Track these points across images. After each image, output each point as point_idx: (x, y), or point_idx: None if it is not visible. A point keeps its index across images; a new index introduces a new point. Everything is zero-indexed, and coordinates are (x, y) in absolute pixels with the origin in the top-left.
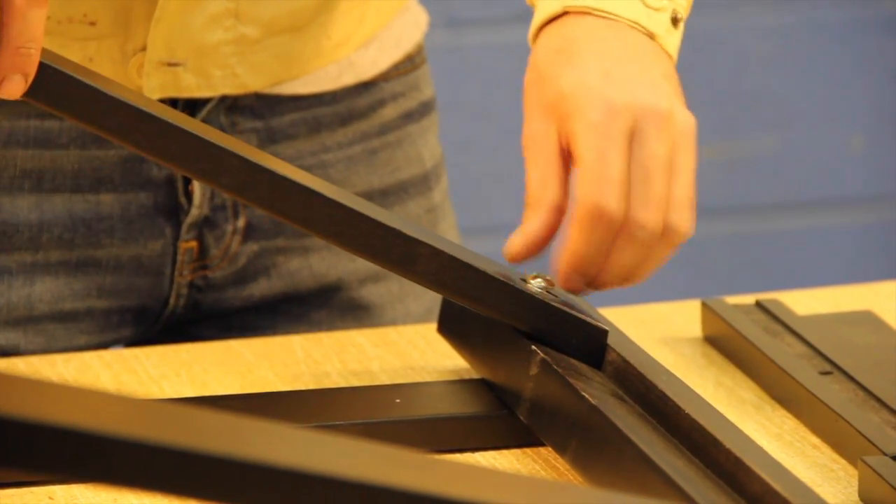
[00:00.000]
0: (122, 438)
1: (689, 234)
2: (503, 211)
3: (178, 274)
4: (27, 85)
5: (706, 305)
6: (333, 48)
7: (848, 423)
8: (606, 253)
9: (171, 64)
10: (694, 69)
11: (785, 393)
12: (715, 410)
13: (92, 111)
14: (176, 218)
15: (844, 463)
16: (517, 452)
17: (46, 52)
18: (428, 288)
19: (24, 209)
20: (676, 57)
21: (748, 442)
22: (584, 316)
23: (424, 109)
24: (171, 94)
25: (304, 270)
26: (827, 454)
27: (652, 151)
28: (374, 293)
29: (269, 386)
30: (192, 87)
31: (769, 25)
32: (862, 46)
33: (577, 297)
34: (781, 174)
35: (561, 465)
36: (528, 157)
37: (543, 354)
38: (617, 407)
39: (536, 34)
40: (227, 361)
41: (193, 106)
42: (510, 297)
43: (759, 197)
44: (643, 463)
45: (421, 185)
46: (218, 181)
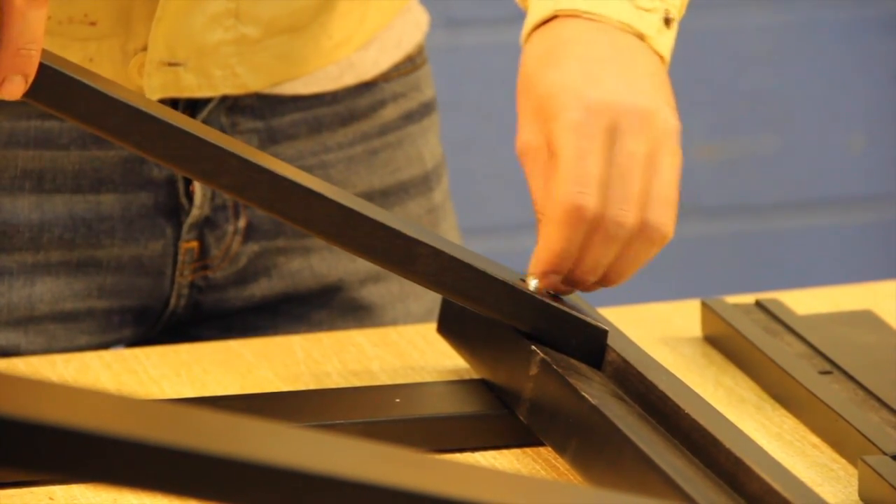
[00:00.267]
0: (122, 438)
1: (668, 232)
2: (503, 211)
3: (178, 274)
4: (27, 86)
5: (706, 305)
6: (334, 48)
7: (848, 422)
8: (583, 251)
9: (171, 64)
10: (694, 69)
11: (785, 392)
12: (715, 410)
13: (92, 112)
14: (177, 218)
15: (844, 462)
16: (517, 452)
17: (47, 52)
18: (428, 288)
19: (24, 209)
20: (669, 57)
21: (748, 442)
22: (583, 316)
23: (425, 110)
24: (171, 94)
25: (304, 271)
26: (827, 454)
27: (630, 150)
28: (374, 293)
29: (269, 386)
30: (192, 87)
31: (769, 25)
32: (862, 46)
33: (577, 297)
34: (781, 174)
35: (561, 464)
36: (525, 167)
37: (543, 354)
38: (617, 407)
39: (527, 38)
40: (226, 361)
41: (194, 106)
42: (510, 297)
43: (759, 196)
44: (643, 463)
45: (422, 185)
46: (218, 182)
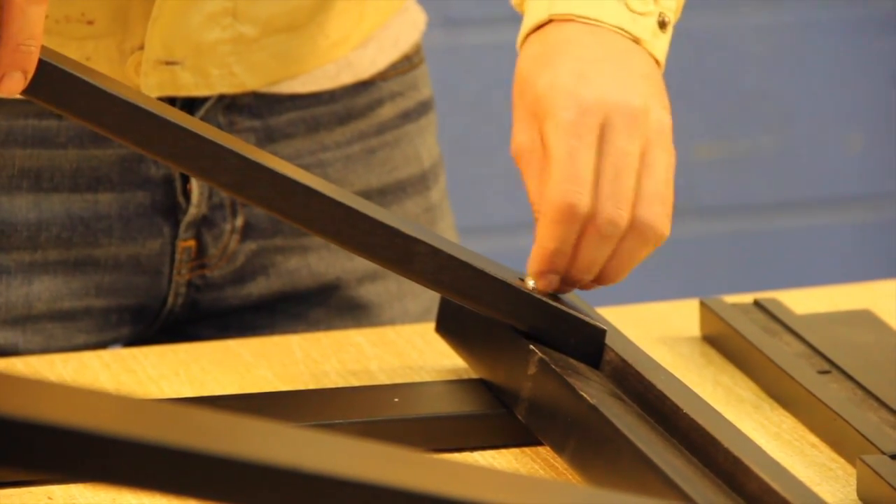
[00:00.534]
0: (120, 438)
1: (661, 229)
2: (501, 211)
3: (176, 273)
4: (27, 82)
5: (704, 305)
6: (331, 47)
7: (846, 422)
8: (576, 249)
9: (168, 63)
10: (693, 69)
11: (783, 392)
12: (713, 410)
13: (91, 108)
14: (174, 217)
15: (843, 462)
16: (516, 452)
17: (46, 49)
18: (426, 287)
19: (22, 208)
20: (664, 60)
21: (747, 441)
22: (582, 315)
23: (422, 109)
24: (168, 92)
25: (302, 269)
26: (825, 453)
27: (621, 148)
28: (372, 292)
29: (267, 386)
30: (189, 85)
31: (768, 25)
32: (860, 46)
33: (575, 296)
34: (780, 173)
35: (559, 464)
36: (521, 168)
37: (542, 354)
38: (615, 406)
39: (523, 42)
40: (225, 361)
41: (191, 105)
42: (508, 296)
43: (757, 196)
44: (641, 462)
45: (419, 184)
46: (217, 179)
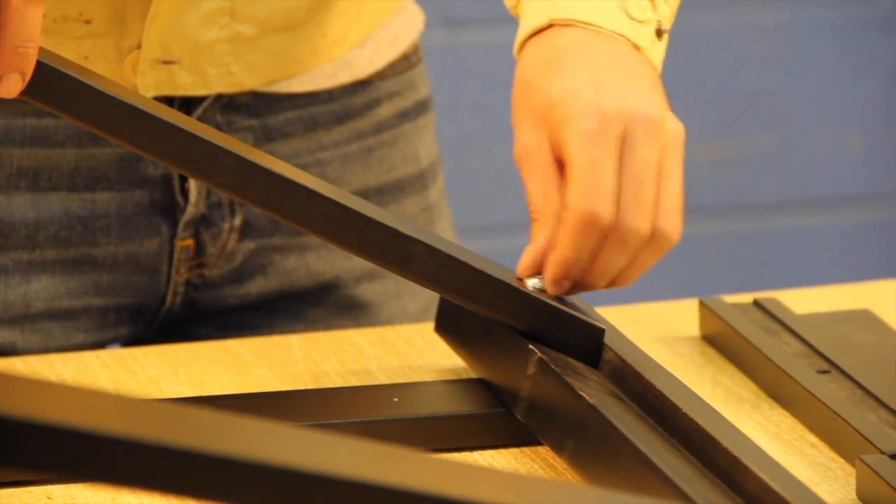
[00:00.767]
0: (120, 438)
1: (676, 238)
2: (500, 210)
3: (174, 272)
4: (25, 83)
5: (704, 304)
6: (329, 47)
7: (846, 421)
8: (594, 257)
9: (166, 62)
10: (692, 68)
11: (783, 392)
12: (712, 409)
13: (89, 110)
14: (172, 216)
15: (842, 462)
16: (515, 452)
17: (43, 50)
18: (425, 287)
19: (20, 207)
20: (661, 68)
21: (746, 441)
22: (581, 315)
23: (420, 108)
24: (166, 92)
25: (300, 268)
26: (825, 453)
27: (643, 158)
28: (370, 291)
29: (267, 385)
30: (187, 85)
31: (767, 25)
32: (859, 45)
33: (573, 296)
34: (779, 173)
35: (559, 464)
36: (523, 170)
37: (541, 354)
38: (614, 406)
39: (522, 46)
40: (225, 361)
41: (189, 104)
42: (507, 295)
43: (756, 196)
44: (641, 462)
45: (417, 183)
46: (214, 180)
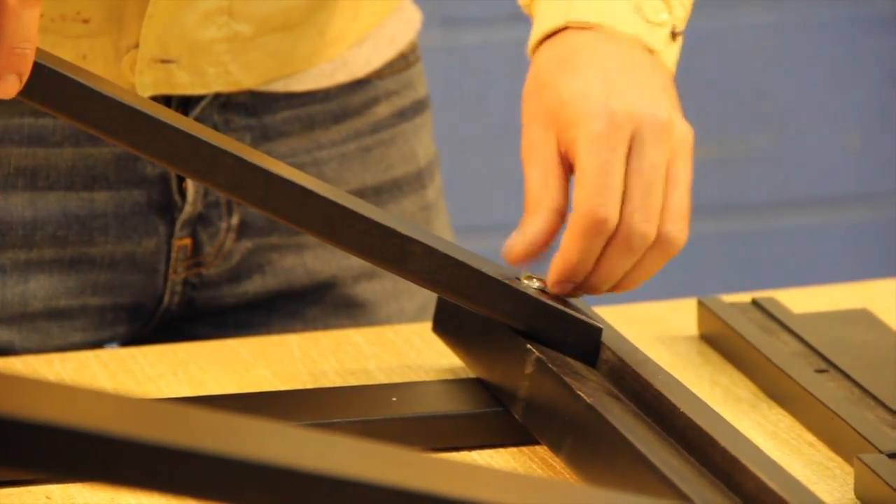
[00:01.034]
0: (119, 438)
1: (682, 243)
2: (499, 210)
3: (172, 271)
4: (22, 84)
5: (702, 304)
6: (327, 46)
7: (844, 421)
8: (600, 259)
9: (163, 61)
10: (690, 68)
11: (781, 391)
12: (710, 409)
13: (86, 110)
14: (170, 215)
15: (840, 461)
16: (513, 451)
17: (41, 51)
18: (422, 286)
19: (18, 207)
20: (675, 70)
21: (744, 440)
22: (578, 314)
23: (418, 107)
24: (164, 91)
25: (298, 268)
26: (823, 452)
27: (651, 162)
28: (368, 290)
29: (266, 385)
30: (185, 84)
31: (765, 24)
32: (857, 45)
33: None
34: (777, 172)
35: (557, 463)
36: (526, 162)
37: (538, 353)
38: (612, 405)
39: (536, 47)
40: (224, 360)
41: (187, 103)
42: (505, 295)
43: (755, 195)
44: (639, 461)
45: (415, 182)
46: (212, 180)
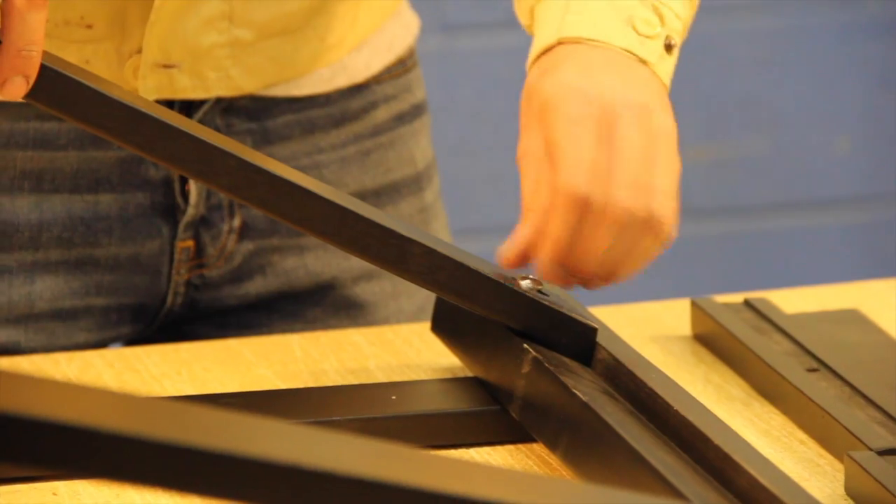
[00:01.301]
0: (124, 435)
1: (671, 224)
2: (497, 212)
3: (175, 272)
4: (29, 86)
5: (696, 304)
6: (326, 51)
7: (834, 419)
8: (588, 240)
9: (166, 66)
10: (685, 73)
11: (773, 390)
12: (704, 407)
13: (92, 112)
14: (173, 218)
15: (831, 458)
16: (510, 448)
17: (47, 54)
18: (422, 286)
19: (23, 209)
20: (670, 83)
21: (736, 438)
22: (574, 314)
23: (416, 111)
24: (166, 95)
25: (299, 269)
26: (814, 449)
27: (627, 137)
28: (367, 291)
29: (268, 384)
30: (186, 88)
31: (758, 30)
32: (848, 51)
33: (567, 296)
34: (770, 175)
35: (553, 460)
36: (522, 170)
37: (535, 353)
38: (607, 404)
39: (532, 64)
40: (226, 360)
41: (189, 107)
42: (502, 295)
43: (747, 197)
44: (634, 459)
45: (413, 185)
46: (216, 182)
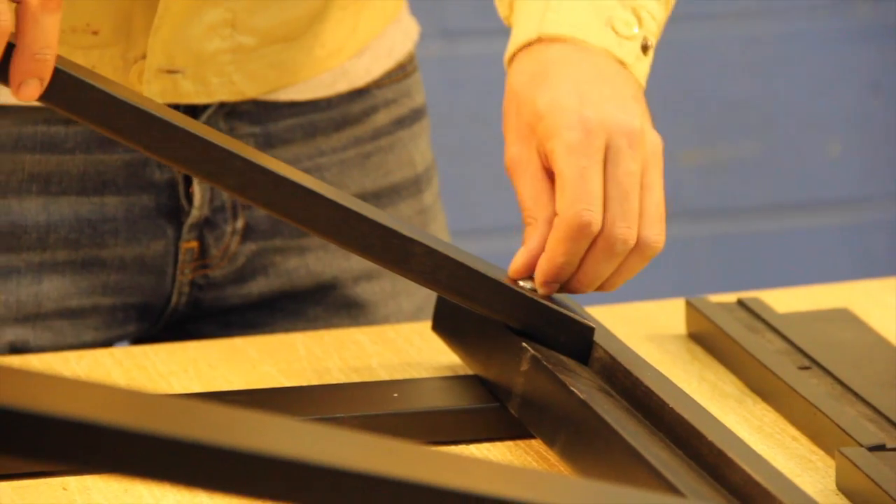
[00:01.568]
0: (132, 431)
1: (659, 246)
2: (494, 213)
3: (179, 273)
4: (43, 88)
5: (690, 304)
6: (327, 57)
7: (826, 415)
8: (584, 263)
9: (170, 71)
10: (679, 78)
11: (766, 387)
12: (698, 404)
13: (102, 114)
14: (177, 219)
15: (822, 454)
16: (509, 444)
17: (60, 57)
18: (423, 285)
19: (32, 211)
20: (645, 83)
21: (730, 434)
22: (571, 314)
23: (416, 115)
24: (170, 100)
25: (301, 269)
26: (806, 446)
27: (627, 169)
28: (367, 291)
29: (272, 381)
30: (190, 93)
31: (750, 36)
32: (838, 57)
33: (565, 296)
34: (762, 178)
35: (552, 456)
36: (514, 179)
37: (534, 351)
38: (604, 401)
39: (512, 58)
40: (232, 358)
41: (193, 112)
42: (502, 295)
43: (740, 200)
44: (630, 455)
45: (412, 187)
46: (222, 182)
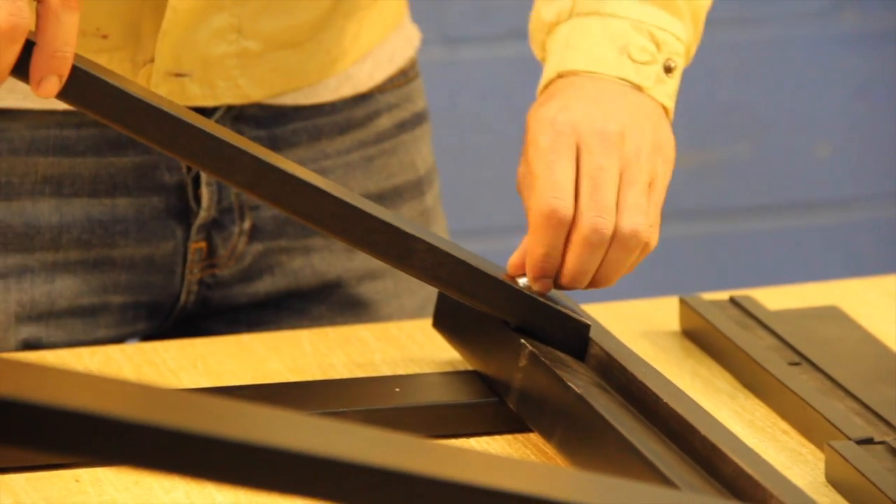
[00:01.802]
0: (143, 424)
1: (643, 237)
2: (494, 214)
3: (188, 272)
4: (62, 85)
5: (684, 301)
6: (331, 62)
7: (815, 410)
8: (564, 254)
9: (177, 75)
10: None
11: (757, 382)
12: (691, 399)
13: (117, 110)
14: (186, 220)
15: (812, 447)
16: (508, 438)
17: (78, 56)
18: (425, 282)
19: (45, 212)
20: (672, 103)
21: (722, 428)
22: (568, 311)
23: (418, 119)
24: (177, 102)
25: (305, 269)
26: (796, 439)
27: (597, 163)
28: (370, 290)
29: (278, 377)
30: (197, 96)
31: (742, 42)
32: (828, 61)
33: (562, 294)
34: (753, 179)
35: (549, 449)
36: (521, 194)
37: (532, 347)
38: (600, 396)
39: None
40: (239, 354)
41: (201, 115)
42: (501, 292)
43: (733, 200)
44: (625, 448)
45: (414, 189)
46: (231, 178)
